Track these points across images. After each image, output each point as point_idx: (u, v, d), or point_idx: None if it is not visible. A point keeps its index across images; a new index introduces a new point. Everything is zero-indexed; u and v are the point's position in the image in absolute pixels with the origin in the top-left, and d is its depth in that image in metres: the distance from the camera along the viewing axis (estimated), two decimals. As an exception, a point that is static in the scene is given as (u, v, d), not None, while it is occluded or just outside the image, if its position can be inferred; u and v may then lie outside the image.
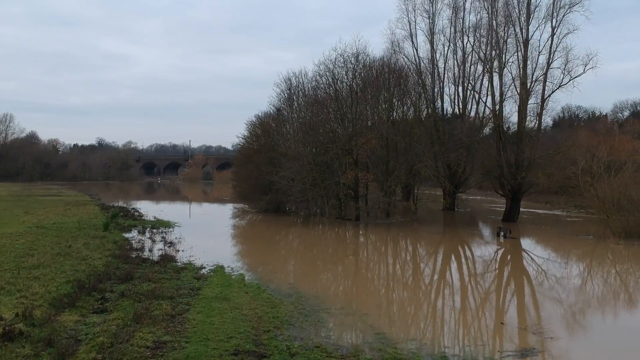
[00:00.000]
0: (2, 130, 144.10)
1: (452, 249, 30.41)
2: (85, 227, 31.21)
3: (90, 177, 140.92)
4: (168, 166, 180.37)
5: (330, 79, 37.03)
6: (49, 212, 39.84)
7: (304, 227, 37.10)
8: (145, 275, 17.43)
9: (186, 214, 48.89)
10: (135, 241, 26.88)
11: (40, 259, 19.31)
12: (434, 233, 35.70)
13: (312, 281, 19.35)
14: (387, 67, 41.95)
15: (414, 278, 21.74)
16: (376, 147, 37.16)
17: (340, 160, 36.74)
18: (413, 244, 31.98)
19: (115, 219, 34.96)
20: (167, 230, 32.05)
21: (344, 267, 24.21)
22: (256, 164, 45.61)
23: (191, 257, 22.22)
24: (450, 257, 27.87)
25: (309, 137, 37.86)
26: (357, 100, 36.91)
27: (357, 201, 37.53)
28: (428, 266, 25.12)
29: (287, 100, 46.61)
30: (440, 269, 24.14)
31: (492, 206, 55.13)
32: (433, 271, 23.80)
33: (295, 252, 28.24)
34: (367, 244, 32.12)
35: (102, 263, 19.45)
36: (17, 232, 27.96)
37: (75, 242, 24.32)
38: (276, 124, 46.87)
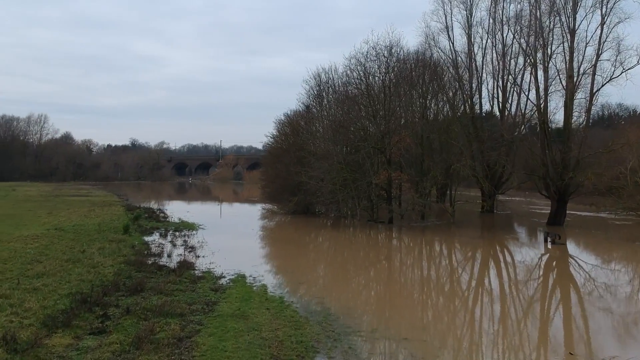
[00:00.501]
0: (37, 131, 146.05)
1: (495, 256, 28.05)
2: (105, 229, 29.90)
3: (123, 177, 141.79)
4: (199, 166, 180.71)
5: (361, 73, 34.96)
6: (72, 213, 38.79)
7: (334, 230, 35.14)
8: (157, 287, 15.69)
9: (213, 215, 47.41)
10: (155, 245, 25.34)
11: (47, 266, 17.81)
12: (474, 238, 33.27)
13: (342, 293, 17.36)
14: (421, 61, 39.65)
15: (457, 292, 19.54)
16: (410, 146, 34.92)
17: (372, 159, 34.61)
18: (452, 250, 29.70)
19: (137, 220, 33.64)
20: (190, 233, 30.47)
21: (377, 276, 22.15)
22: (284, 164, 43.89)
23: (211, 264, 20.49)
24: (495, 266, 25.52)
25: (339, 135, 35.87)
26: (390, 96, 34.72)
27: (390, 203, 35.35)
28: (472, 276, 22.84)
29: (317, 97, 44.76)
30: (485, 280, 21.85)
31: (532, 208, 52.25)
32: (478, 283, 21.51)
33: (323, 259, 26.23)
34: (402, 249, 29.96)
35: (113, 271, 17.83)
36: (34, 234, 26.74)
37: (90, 247, 22.88)
38: (305, 122, 45.03)
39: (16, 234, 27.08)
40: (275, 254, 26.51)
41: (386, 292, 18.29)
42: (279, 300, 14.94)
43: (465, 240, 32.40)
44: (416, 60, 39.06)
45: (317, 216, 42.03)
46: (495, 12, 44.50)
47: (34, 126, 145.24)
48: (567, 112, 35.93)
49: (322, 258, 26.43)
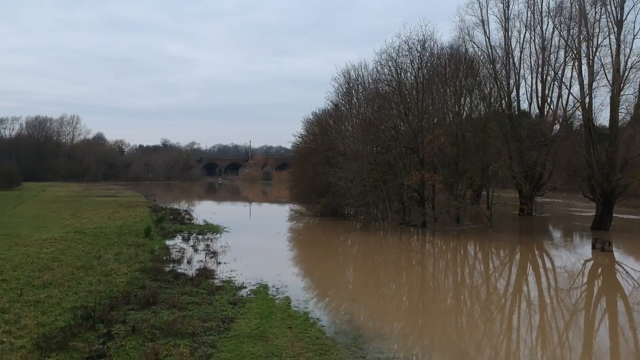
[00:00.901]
0: (70, 132, 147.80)
1: (536, 262, 26.10)
2: (126, 232, 28.89)
3: (153, 177, 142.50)
4: (229, 166, 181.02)
5: (393, 69, 33.17)
6: (95, 215, 38.03)
7: (364, 234, 33.50)
8: (171, 299, 14.33)
9: (239, 217, 46.16)
10: (176, 250, 24.10)
11: (57, 274, 16.65)
12: (513, 243, 31.27)
13: (374, 308, 15.75)
14: (456, 56, 37.69)
15: (496, 300, 17.73)
16: (445, 145, 33.06)
17: (404, 159, 32.82)
18: (490, 256, 27.81)
19: (160, 223, 32.57)
20: (214, 236, 29.21)
21: (412, 286, 20.44)
22: (312, 164, 42.44)
23: (232, 272, 19.10)
24: (535, 272, 23.57)
25: (369, 134, 34.17)
26: (423, 92, 32.87)
27: (424, 205, 33.52)
28: (511, 283, 20.90)
29: (346, 95, 43.16)
30: (525, 287, 19.93)
31: (572, 210, 49.75)
32: (517, 290, 19.60)
33: (352, 265, 24.55)
34: (435, 254, 28.15)
35: (126, 280, 16.58)
36: (53, 237, 25.83)
37: (106, 252, 21.77)
38: (334, 120, 43.48)
39: (35, 236, 26.23)
40: (301, 260, 24.97)
41: (425, 312, 16.58)
42: (303, 317, 13.43)
43: (504, 245, 30.47)
44: (450, 56, 37.11)
45: (346, 218, 40.47)
46: (534, 4, 42.26)
47: (67, 127, 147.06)
48: (614, 109, 33.60)
49: (350, 264, 24.82)
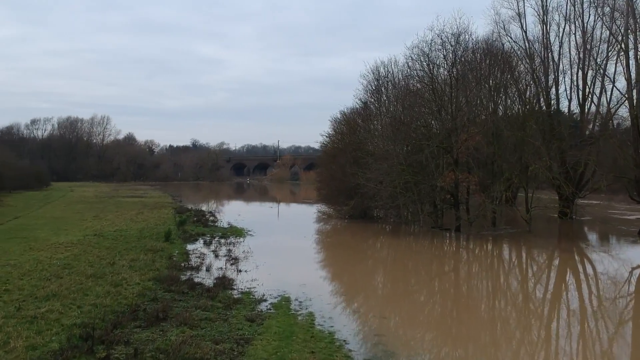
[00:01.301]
0: (100, 132, 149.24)
1: (581, 270, 24.07)
2: (147, 235, 27.82)
3: (182, 177, 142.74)
4: (257, 167, 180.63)
5: (425, 64, 31.34)
6: (118, 217, 37.19)
7: (394, 238, 31.84)
8: (183, 314, 12.99)
9: (265, 219, 44.83)
10: (195, 255, 22.88)
11: (65, 284, 15.50)
12: (554, 249, 29.20)
13: (409, 327, 14.15)
14: (491, 51, 35.70)
15: (542, 317, 15.94)
16: (481, 144, 31.18)
17: (437, 160, 31.01)
18: (530, 264, 25.87)
19: (182, 226, 31.42)
20: (237, 240, 27.90)
21: (451, 300, 18.68)
22: (340, 165, 40.90)
23: (253, 282, 17.71)
24: (579, 281, 21.61)
25: (400, 133, 32.45)
26: (457, 89, 31.02)
27: (458, 208, 31.67)
28: (557, 298, 19.01)
29: (375, 93, 41.50)
30: (568, 297, 18.04)
31: (613, 213, 47.09)
32: (561, 301, 17.74)
33: (382, 274, 22.84)
34: (472, 262, 26.31)
35: (137, 291, 15.32)
36: (70, 241, 24.90)
37: (122, 258, 20.63)
38: (362, 119, 41.87)
39: (52, 240, 25.35)
40: (327, 268, 23.38)
41: (468, 336, 14.89)
42: (328, 339, 11.91)
43: (543, 250, 28.53)
44: (486, 50, 35.14)
45: (375, 221, 38.80)
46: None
47: (97, 127, 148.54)
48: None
49: (380, 272, 23.18)
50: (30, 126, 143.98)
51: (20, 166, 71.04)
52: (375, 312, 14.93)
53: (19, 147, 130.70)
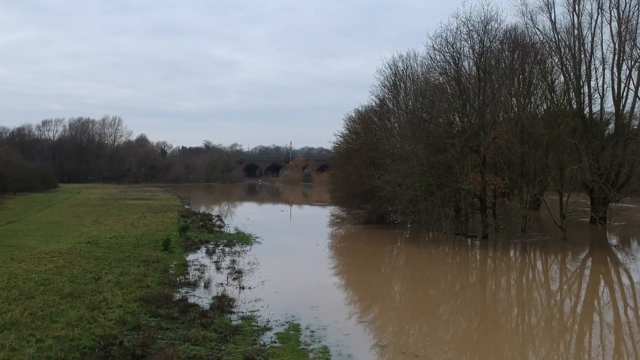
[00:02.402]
0: (111, 133, 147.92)
1: (626, 284, 21.15)
2: (144, 243, 25.43)
3: (194, 178, 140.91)
4: (269, 168, 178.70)
5: (449, 55, 28.50)
6: (118, 221, 34.86)
7: (415, 246, 29.12)
8: (166, 351, 10.45)
9: (275, 223, 42.22)
10: (195, 268, 20.39)
11: (32, 307, 13.07)
12: (591, 258, 26.33)
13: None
14: (521, 43, 32.83)
15: (578, 335, 13.20)
16: (511, 143, 28.37)
17: (462, 161, 28.19)
18: (565, 275, 23.03)
19: (185, 232, 28.96)
20: (243, 249, 25.33)
21: (472, 310, 15.99)
22: (355, 166, 38.25)
23: (256, 303, 15.14)
24: (625, 300, 18.78)
25: (421, 131, 29.69)
26: (485, 82, 28.22)
27: (485, 214, 28.87)
28: (595, 315, 16.20)
29: (392, 89, 38.79)
30: (612, 321, 15.25)
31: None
32: (607, 325, 14.94)
33: (407, 294, 19.79)
34: (506, 275, 23.53)
35: (117, 316, 12.83)
36: (58, 250, 22.54)
37: (110, 271, 18.21)
38: (379, 117, 39.20)
39: (40, 248, 23.05)
40: (343, 285, 20.52)
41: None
42: (346, 389, 9.32)
43: (580, 261, 25.82)
44: (515, 41, 32.27)
45: (392, 226, 36.04)
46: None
47: (108, 128, 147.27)
48: None
49: (404, 293, 20.21)
50: (42, 127, 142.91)
51: (25, 167, 69.18)
52: (404, 346, 12.27)
53: (30, 149, 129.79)
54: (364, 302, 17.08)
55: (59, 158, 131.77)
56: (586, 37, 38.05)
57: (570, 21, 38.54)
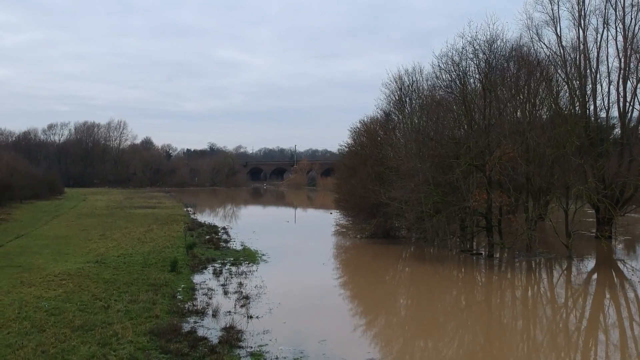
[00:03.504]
0: (117, 137, 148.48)
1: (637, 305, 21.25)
2: (152, 262, 25.62)
3: (199, 182, 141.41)
4: (274, 171, 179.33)
5: (455, 74, 28.62)
6: (125, 235, 35.06)
7: (420, 264, 29.14)
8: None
9: (281, 236, 42.26)
10: (203, 292, 20.52)
11: (44, 343, 13.25)
12: (602, 278, 26.35)
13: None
14: (526, 59, 32.93)
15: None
16: (517, 161, 28.47)
17: (468, 180, 28.32)
18: (573, 296, 23.09)
19: (191, 249, 29.16)
20: (249, 269, 25.39)
21: (494, 346, 16.10)
22: (361, 179, 38.45)
23: (265, 336, 15.24)
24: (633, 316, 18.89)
25: (427, 149, 29.81)
26: (490, 101, 28.32)
27: (491, 232, 28.97)
28: (607, 338, 16.31)
29: (398, 103, 38.94)
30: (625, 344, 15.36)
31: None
32: (619, 350, 15.05)
33: (421, 322, 19.60)
34: (513, 296, 23.64)
35: (129, 352, 13.00)
36: (68, 271, 22.76)
37: (119, 297, 18.43)
38: (384, 131, 39.30)
39: (49, 269, 23.27)
40: (351, 312, 20.44)
41: None
42: None
43: (586, 280, 25.83)
44: (520, 58, 32.37)
45: (398, 241, 36.01)
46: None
47: (114, 132, 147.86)
48: None
49: (417, 320, 20.27)
50: (47, 131, 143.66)
51: (32, 174, 69.59)
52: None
53: (36, 153, 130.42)
54: (378, 337, 17.01)
55: (65, 162, 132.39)
56: (592, 52, 38.17)
57: (575, 35, 38.70)
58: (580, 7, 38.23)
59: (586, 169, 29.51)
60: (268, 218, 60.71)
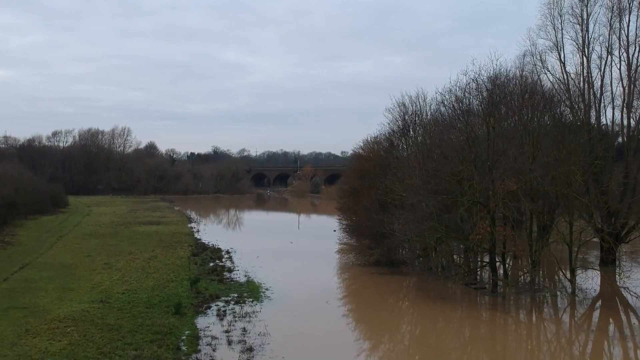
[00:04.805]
0: (121, 144, 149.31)
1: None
2: (157, 302, 25.73)
3: (202, 189, 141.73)
4: (277, 177, 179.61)
5: (459, 112, 28.62)
6: (129, 264, 35.18)
7: (424, 300, 29.14)
8: None
9: (284, 263, 42.28)
10: (206, 341, 20.56)
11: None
12: (605, 315, 26.37)
13: None
14: (531, 90, 32.97)
15: None
16: (519, 197, 28.54)
17: (474, 218, 28.35)
18: (578, 342, 23.11)
19: (196, 285, 29.23)
20: (253, 310, 25.29)
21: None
22: (365, 206, 38.54)
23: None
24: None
25: (431, 185, 29.79)
26: (494, 138, 28.32)
27: (495, 272, 28.98)
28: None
29: (401, 130, 39.00)
30: None
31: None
32: None
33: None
34: (518, 333, 23.69)
35: None
36: (72, 315, 22.90)
37: (124, 353, 18.48)
38: (388, 157, 39.25)
39: (54, 312, 23.45)
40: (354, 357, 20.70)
41: None
42: None
43: (590, 319, 25.94)
44: (524, 90, 32.37)
45: (402, 271, 35.79)
46: (620, 28, 37.02)
47: (118, 139, 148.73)
48: None
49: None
50: (52, 138, 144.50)
51: (36, 188, 69.78)
52: None
53: (40, 160, 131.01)
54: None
55: (69, 170, 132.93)
56: (595, 80, 38.17)
57: (579, 60, 38.71)
58: (584, 34, 38.37)
59: (591, 208, 29.48)
60: (272, 235, 60.53)
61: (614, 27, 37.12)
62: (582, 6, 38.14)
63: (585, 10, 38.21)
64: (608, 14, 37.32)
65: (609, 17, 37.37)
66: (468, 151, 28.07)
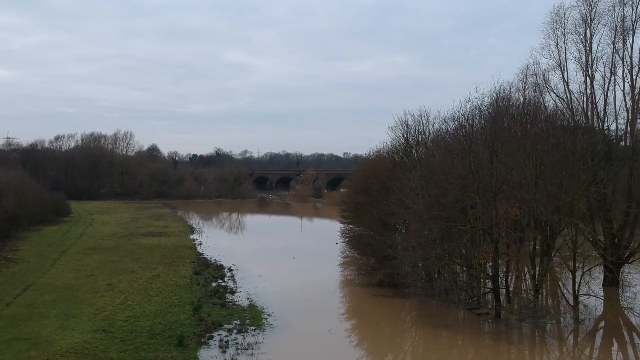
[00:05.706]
0: (123, 148, 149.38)
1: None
2: (159, 331, 25.73)
3: (205, 193, 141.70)
4: (279, 181, 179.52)
5: (462, 138, 28.55)
6: (132, 285, 35.21)
7: (426, 321, 29.04)
8: None
9: (287, 284, 41.84)
10: (209, 378, 20.61)
11: None
12: (609, 343, 26.33)
13: None
14: (534, 112, 32.90)
15: None
16: (520, 220, 28.53)
17: (478, 246, 28.25)
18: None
19: (198, 311, 29.17)
20: (256, 341, 25.16)
21: None
22: (368, 227, 38.56)
23: None
24: None
25: (434, 210, 29.71)
26: (497, 164, 28.24)
27: (498, 299, 28.91)
28: None
29: (405, 151, 38.95)
30: None
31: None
32: None
33: None
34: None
35: None
36: (74, 347, 22.98)
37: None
38: (391, 178, 39.17)
39: (56, 344, 23.58)
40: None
41: None
42: None
43: (596, 337, 26.06)
44: (527, 114, 32.30)
45: (404, 293, 35.60)
46: (623, 48, 36.93)
47: (120, 143, 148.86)
48: None
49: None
50: (54, 142, 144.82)
51: (39, 198, 69.83)
52: None
53: (42, 165, 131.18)
54: None
55: (72, 174, 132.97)
56: (599, 100, 38.07)
57: (582, 79, 38.64)
58: (587, 54, 38.28)
59: (596, 235, 29.42)
60: (274, 247, 60.38)
61: (617, 47, 37.07)
62: (585, 26, 38.15)
63: (589, 30, 38.23)
64: (611, 35, 37.26)
65: (612, 38, 37.31)
66: (472, 179, 27.93)
